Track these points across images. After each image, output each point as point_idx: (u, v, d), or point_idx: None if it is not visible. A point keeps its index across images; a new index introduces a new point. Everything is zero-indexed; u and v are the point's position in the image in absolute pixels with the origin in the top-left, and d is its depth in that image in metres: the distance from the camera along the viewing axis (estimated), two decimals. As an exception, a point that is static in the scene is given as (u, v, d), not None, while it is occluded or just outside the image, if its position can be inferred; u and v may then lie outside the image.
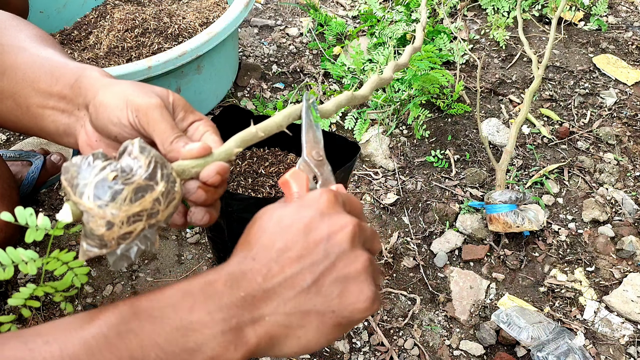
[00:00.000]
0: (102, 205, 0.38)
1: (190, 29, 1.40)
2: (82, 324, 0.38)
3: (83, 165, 0.39)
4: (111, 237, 0.39)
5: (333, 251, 0.40)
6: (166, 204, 0.41)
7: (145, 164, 0.40)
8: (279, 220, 0.42)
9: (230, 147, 0.48)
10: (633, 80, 1.60)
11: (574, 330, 1.05)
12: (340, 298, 0.40)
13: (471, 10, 1.88)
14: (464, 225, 1.21)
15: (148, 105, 0.49)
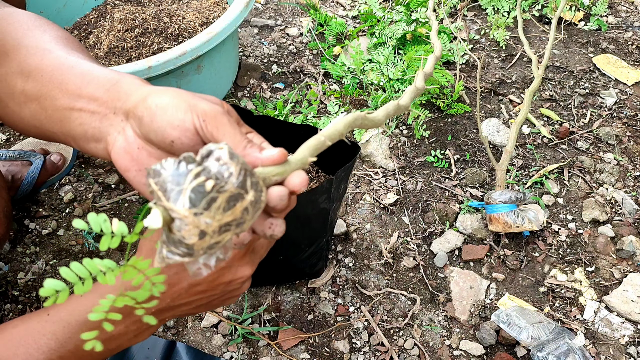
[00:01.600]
0: (197, 214, 0.37)
1: (190, 29, 1.40)
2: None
3: (177, 168, 0.38)
4: (201, 246, 0.38)
5: (227, 290, 0.57)
6: (253, 213, 0.40)
7: (236, 171, 0.38)
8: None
9: (305, 156, 0.47)
10: (633, 80, 1.60)
11: (574, 330, 1.05)
12: (217, 306, 0.61)
13: (471, 10, 1.88)
14: (464, 225, 1.21)
15: (216, 111, 0.48)
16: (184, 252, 0.38)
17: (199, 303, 0.57)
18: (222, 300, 0.59)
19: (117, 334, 0.56)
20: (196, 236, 0.37)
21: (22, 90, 0.56)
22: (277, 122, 1.13)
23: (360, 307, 1.08)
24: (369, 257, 1.17)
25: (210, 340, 1.02)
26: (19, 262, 1.13)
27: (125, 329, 0.56)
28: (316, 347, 1.03)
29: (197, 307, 0.58)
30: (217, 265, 0.41)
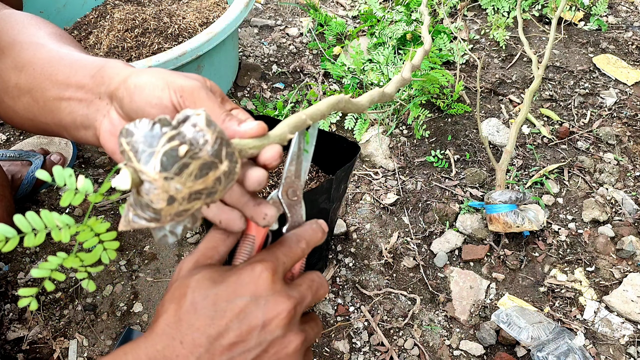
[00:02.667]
0: (168, 178, 0.35)
1: (190, 29, 1.40)
2: None
3: (150, 130, 0.36)
4: (168, 212, 0.36)
5: (266, 339, 0.40)
6: (225, 184, 0.38)
7: (212, 139, 0.37)
8: (214, 301, 0.41)
9: (284, 132, 0.45)
10: (633, 80, 1.60)
11: (574, 330, 1.05)
12: None
13: (471, 10, 1.88)
14: (464, 225, 1.21)
15: (192, 85, 0.47)
16: (151, 216, 0.36)
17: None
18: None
19: None
20: (165, 201, 0.36)
21: (16, 84, 0.57)
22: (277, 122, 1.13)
23: (360, 307, 1.08)
24: (369, 257, 1.17)
25: (210, 340, 1.02)
26: (19, 262, 1.13)
27: None
28: (316, 347, 1.03)
29: None
30: (183, 234, 0.38)
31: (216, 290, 0.41)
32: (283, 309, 0.41)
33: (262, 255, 0.44)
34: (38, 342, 1.01)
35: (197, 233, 1.19)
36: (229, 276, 0.42)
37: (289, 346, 0.41)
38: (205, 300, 0.41)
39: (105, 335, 1.02)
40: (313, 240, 0.47)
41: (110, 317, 1.05)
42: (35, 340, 1.01)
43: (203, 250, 0.47)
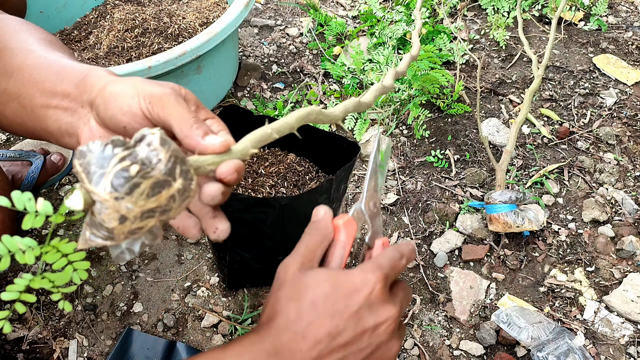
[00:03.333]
0: (118, 198, 0.36)
1: (190, 29, 1.40)
2: None
3: (102, 151, 0.37)
4: (121, 231, 0.37)
5: (375, 341, 0.45)
6: (180, 202, 0.39)
7: (165, 157, 0.38)
8: (333, 302, 0.45)
9: (246, 147, 0.46)
10: (633, 80, 1.60)
11: (574, 330, 1.05)
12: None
13: (471, 10, 1.88)
14: (464, 225, 1.21)
15: (162, 92, 0.48)
16: (105, 235, 0.37)
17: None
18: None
19: None
20: (116, 220, 0.37)
21: (5, 90, 0.57)
22: (277, 122, 1.13)
23: (360, 307, 1.08)
24: (369, 257, 1.17)
25: (210, 340, 1.02)
26: (19, 262, 1.13)
27: None
28: (316, 347, 1.03)
29: None
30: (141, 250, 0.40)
31: (335, 293, 0.45)
32: (390, 316, 0.46)
33: (373, 266, 0.48)
34: (38, 342, 1.01)
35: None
36: (345, 281, 0.46)
37: (392, 349, 0.47)
38: (326, 301, 0.44)
39: (105, 335, 1.02)
40: (410, 258, 0.52)
41: (110, 317, 1.05)
42: (35, 340, 1.01)
43: (304, 253, 0.50)
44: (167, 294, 1.09)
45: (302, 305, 0.45)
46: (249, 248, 0.97)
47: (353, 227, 0.52)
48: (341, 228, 0.51)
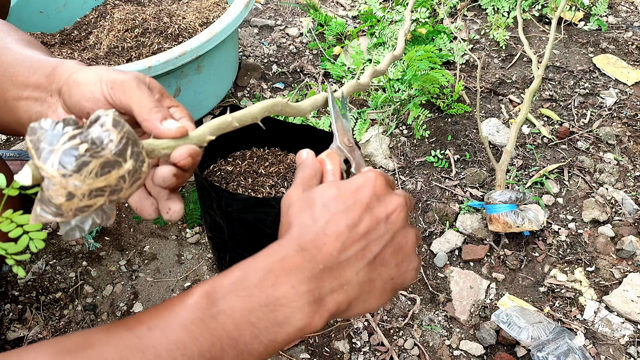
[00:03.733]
0: (66, 175, 0.37)
1: (190, 29, 1.40)
2: (176, 309, 0.40)
3: (52, 129, 0.38)
4: (69, 208, 0.38)
5: (391, 228, 0.46)
6: (131, 183, 0.40)
7: (117, 138, 0.39)
8: (342, 200, 0.46)
9: (203, 133, 0.47)
10: (633, 80, 1.60)
11: (574, 330, 1.05)
12: (398, 267, 0.47)
13: (471, 10, 1.88)
14: (464, 225, 1.21)
15: (124, 78, 0.49)
16: (54, 211, 0.38)
17: (370, 254, 0.45)
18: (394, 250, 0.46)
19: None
20: (63, 197, 0.37)
21: None
22: (277, 122, 1.13)
23: (360, 307, 1.08)
24: (369, 257, 1.17)
25: (210, 340, 1.02)
26: (18, 262, 1.13)
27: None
28: (316, 347, 1.03)
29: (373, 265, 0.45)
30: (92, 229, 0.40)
31: (342, 193, 0.46)
32: (399, 204, 0.47)
33: (368, 170, 0.50)
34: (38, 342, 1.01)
35: (197, 233, 1.19)
36: (348, 183, 0.48)
37: (409, 237, 0.48)
38: (335, 200, 0.46)
39: (105, 335, 1.02)
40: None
41: (110, 317, 1.05)
42: (35, 340, 1.01)
43: (302, 181, 0.51)
44: (167, 294, 1.09)
45: (315, 210, 0.45)
46: (249, 248, 0.97)
47: (336, 158, 0.55)
48: (325, 160, 0.54)
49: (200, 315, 0.40)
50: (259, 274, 0.42)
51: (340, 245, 0.44)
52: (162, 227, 1.20)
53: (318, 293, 0.42)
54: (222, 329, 0.40)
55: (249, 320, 0.40)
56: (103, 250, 1.15)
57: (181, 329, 0.39)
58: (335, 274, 0.43)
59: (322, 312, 0.42)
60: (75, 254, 1.14)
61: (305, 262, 0.43)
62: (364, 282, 0.45)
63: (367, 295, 0.46)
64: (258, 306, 0.40)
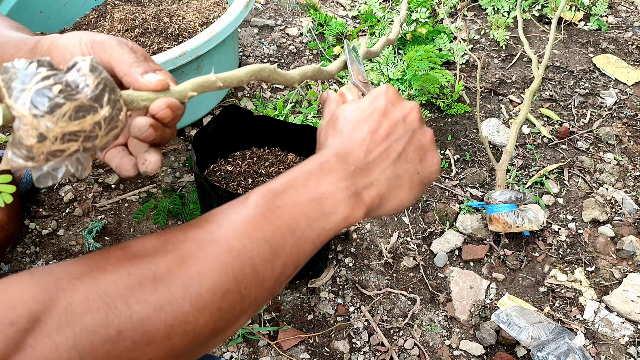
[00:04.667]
0: (38, 115, 0.36)
1: (190, 29, 1.40)
2: (238, 209, 0.46)
3: (25, 69, 0.37)
4: (40, 150, 0.37)
5: (409, 128, 0.52)
6: (106, 131, 0.39)
7: (93, 83, 0.38)
8: (361, 111, 0.52)
9: (185, 89, 0.46)
10: (633, 80, 1.60)
11: (574, 330, 1.05)
12: (421, 162, 0.52)
13: (471, 10, 1.88)
14: (464, 225, 1.21)
15: (104, 38, 0.49)
16: (24, 154, 0.37)
17: (394, 153, 0.50)
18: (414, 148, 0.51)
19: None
20: (34, 138, 0.36)
21: None
22: (277, 122, 1.13)
23: (360, 307, 1.08)
24: (369, 257, 1.17)
25: (210, 340, 1.02)
26: (19, 262, 1.13)
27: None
28: (316, 347, 1.03)
29: (398, 162, 0.50)
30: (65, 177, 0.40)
31: (360, 106, 0.52)
32: (413, 106, 0.52)
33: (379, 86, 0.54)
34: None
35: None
36: (364, 97, 0.53)
37: (427, 134, 0.52)
38: (354, 112, 0.52)
39: (105, 335, 1.02)
40: None
41: (110, 317, 1.05)
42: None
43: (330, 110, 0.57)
44: (167, 294, 1.09)
45: (338, 125, 0.52)
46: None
47: (354, 90, 0.61)
48: (345, 92, 0.60)
49: (260, 211, 0.45)
50: (303, 176, 0.48)
51: (365, 148, 0.50)
52: (162, 227, 1.20)
53: (354, 189, 0.48)
54: (280, 220, 0.45)
55: (301, 211, 0.46)
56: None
57: (246, 223, 0.44)
58: (365, 173, 0.49)
59: (360, 204, 0.48)
60: (75, 254, 1.14)
61: (339, 165, 0.49)
62: (392, 177, 0.50)
63: (397, 189, 0.51)
64: (307, 201, 0.46)
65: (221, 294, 0.42)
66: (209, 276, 0.41)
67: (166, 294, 0.39)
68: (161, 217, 1.19)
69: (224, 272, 0.42)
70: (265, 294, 0.45)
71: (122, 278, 0.38)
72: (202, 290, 0.40)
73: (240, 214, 0.45)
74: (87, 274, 0.38)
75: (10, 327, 0.34)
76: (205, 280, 0.41)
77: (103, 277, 0.38)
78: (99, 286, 0.37)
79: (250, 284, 0.43)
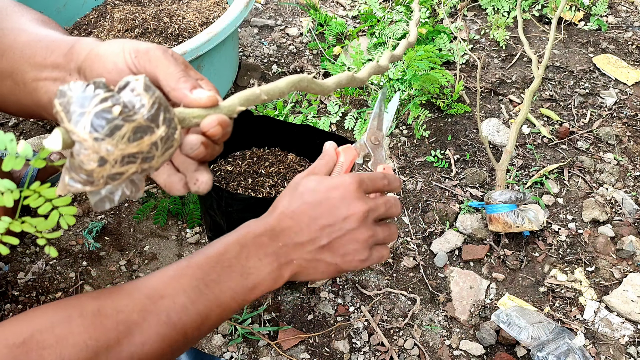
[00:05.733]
0: (98, 139, 0.35)
1: (190, 29, 1.40)
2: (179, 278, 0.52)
3: (83, 91, 0.36)
4: (101, 174, 0.36)
5: (345, 227, 0.56)
6: (163, 150, 0.38)
7: (149, 103, 0.37)
8: (315, 195, 0.57)
9: (233, 104, 0.45)
10: (633, 80, 1.60)
11: (574, 330, 1.05)
12: (343, 257, 0.57)
13: (471, 10, 1.88)
14: (464, 225, 1.21)
15: (148, 46, 0.47)
16: (84, 179, 0.36)
17: (319, 242, 0.56)
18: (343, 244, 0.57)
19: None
20: (95, 162, 0.36)
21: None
22: (277, 122, 1.13)
23: (360, 307, 1.08)
24: (369, 257, 1.16)
25: (210, 340, 1.02)
26: (19, 262, 1.13)
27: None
28: (316, 347, 1.03)
29: (320, 250, 0.56)
30: (121, 200, 0.40)
31: (318, 188, 0.57)
32: (359, 210, 0.57)
33: (353, 174, 0.60)
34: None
35: (197, 233, 1.19)
36: (328, 180, 0.58)
37: (359, 237, 0.57)
38: (311, 193, 0.57)
39: (105, 335, 1.02)
40: (394, 183, 0.62)
41: (110, 317, 1.05)
42: (35, 340, 1.01)
43: (311, 170, 0.62)
44: (167, 294, 1.09)
45: (294, 196, 0.57)
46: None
47: (351, 153, 0.64)
48: (341, 152, 0.63)
49: (197, 284, 0.52)
50: (236, 249, 0.54)
51: (298, 230, 0.56)
52: (162, 227, 1.20)
53: (277, 264, 0.55)
54: (212, 294, 0.52)
55: (229, 286, 0.53)
56: (103, 250, 1.15)
57: (184, 296, 0.51)
58: (289, 251, 0.56)
59: (278, 278, 0.55)
60: (75, 254, 1.14)
61: (269, 241, 0.55)
62: (311, 260, 0.57)
63: (312, 270, 0.58)
64: (236, 275, 0.53)
65: (158, 356, 0.50)
66: (149, 344, 0.49)
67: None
68: (161, 217, 1.19)
69: (161, 341, 0.50)
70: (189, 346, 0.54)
71: (81, 351, 0.46)
72: (143, 355, 0.49)
73: (180, 285, 0.52)
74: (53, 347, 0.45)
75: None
76: (147, 347, 0.49)
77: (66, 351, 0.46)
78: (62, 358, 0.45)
79: (180, 346, 0.52)
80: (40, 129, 1.40)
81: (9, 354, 0.45)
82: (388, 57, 0.71)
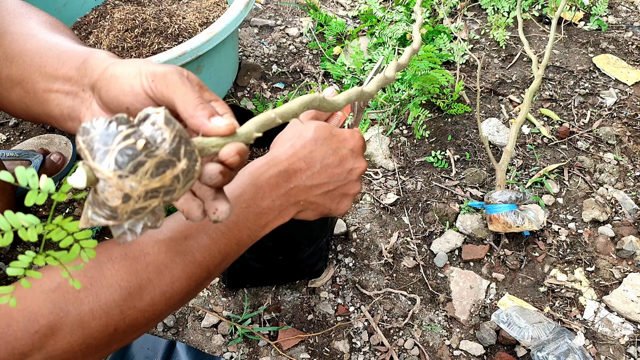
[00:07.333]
0: (123, 176, 0.35)
1: (190, 29, 1.40)
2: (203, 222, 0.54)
3: (106, 128, 0.36)
4: (124, 210, 0.37)
5: (348, 178, 0.63)
6: (184, 183, 0.39)
7: (170, 137, 0.37)
8: (329, 143, 0.61)
9: (250, 131, 0.45)
10: (633, 80, 1.60)
11: (574, 330, 1.05)
12: (337, 204, 0.64)
13: (471, 10, 1.88)
14: (464, 225, 1.21)
15: (165, 70, 0.47)
16: (108, 214, 0.37)
17: (326, 188, 0.61)
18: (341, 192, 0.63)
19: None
20: (119, 199, 0.36)
21: (8, 76, 0.58)
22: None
23: (360, 307, 1.08)
24: (369, 257, 1.17)
25: (210, 340, 1.02)
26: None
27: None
28: (316, 347, 1.03)
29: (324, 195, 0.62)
30: (143, 232, 0.40)
31: (331, 137, 0.62)
32: (362, 165, 0.63)
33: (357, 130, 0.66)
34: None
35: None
36: (339, 131, 0.63)
37: (355, 189, 0.64)
38: (324, 141, 0.61)
39: (105, 335, 1.02)
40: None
41: (110, 317, 1.05)
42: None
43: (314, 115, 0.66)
44: (167, 294, 1.09)
45: (307, 140, 0.61)
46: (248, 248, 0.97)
47: (347, 110, 0.72)
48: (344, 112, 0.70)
49: (219, 227, 0.55)
50: (252, 190, 0.58)
51: (310, 174, 0.60)
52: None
53: (286, 204, 0.60)
54: (231, 234, 0.56)
55: (246, 225, 0.57)
56: (103, 250, 1.15)
57: (207, 237, 0.54)
58: (298, 192, 0.60)
59: (286, 216, 0.61)
60: (75, 254, 1.14)
61: (283, 182, 0.59)
62: (313, 202, 0.62)
63: (310, 211, 0.63)
64: (252, 216, 0.57)
65: (186, 294, 0.54)
66: (178, 282, 0.53)
67: (149, 300, 0.51)
68: (161, 217, 1.19)
69: (189, 279, 0.53)
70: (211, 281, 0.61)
71: (116, 292, 0.49)
72: (174, 293, 0.53)
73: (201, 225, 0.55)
74: (89, 289, 0.48)
75: (35, 334, 0.45)
76: (176, 285, 0.53)
77: (102, 292, 0.48)
78: (99, 299, 0.48)
79: (204, 281, 0.56)
80: (40, 128, 1.39)
81: (47, 299, 0.46)
82: (394, 66, 0.72)
